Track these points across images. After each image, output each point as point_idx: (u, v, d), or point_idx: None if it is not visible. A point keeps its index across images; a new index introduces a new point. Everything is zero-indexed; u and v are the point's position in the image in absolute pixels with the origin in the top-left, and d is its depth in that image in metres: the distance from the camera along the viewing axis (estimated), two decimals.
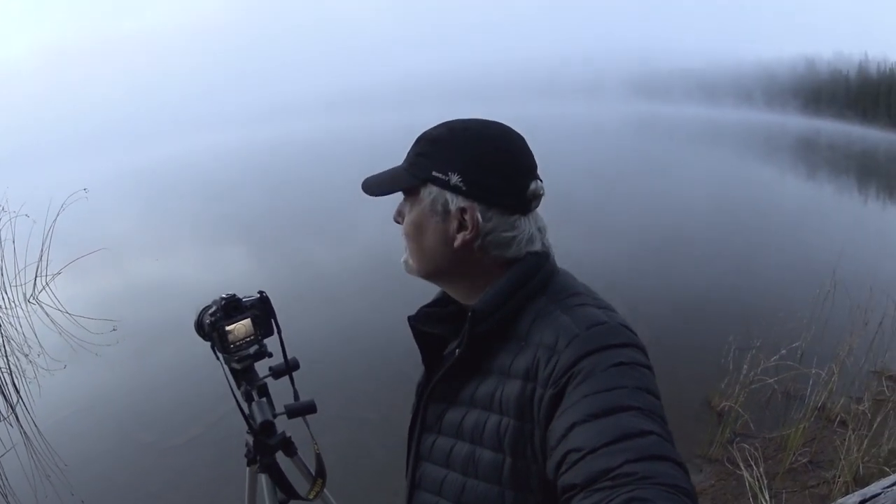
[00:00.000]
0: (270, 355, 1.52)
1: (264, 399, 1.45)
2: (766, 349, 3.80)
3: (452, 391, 0.93)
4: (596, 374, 0.76)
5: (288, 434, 1.56)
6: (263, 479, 1.51)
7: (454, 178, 0.91)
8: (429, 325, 1.00)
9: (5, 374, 4.90)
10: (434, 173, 0.91)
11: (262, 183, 15.54)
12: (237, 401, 1.42)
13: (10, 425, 4.29)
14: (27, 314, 7.08)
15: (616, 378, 0.75)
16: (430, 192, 0.92)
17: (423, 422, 0.97)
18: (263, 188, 14.74)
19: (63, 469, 3.76)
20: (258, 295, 1.51)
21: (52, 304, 7.15)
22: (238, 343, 1.43)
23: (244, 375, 1.48)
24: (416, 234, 0.95)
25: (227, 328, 1.41)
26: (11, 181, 10.10)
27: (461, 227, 0.92)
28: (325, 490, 1.65)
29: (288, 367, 1.54)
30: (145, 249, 9.88)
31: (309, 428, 1.56)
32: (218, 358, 1.44)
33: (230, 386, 1.40)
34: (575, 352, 0.79)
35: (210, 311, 1.43)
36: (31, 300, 7.48)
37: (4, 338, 6.11)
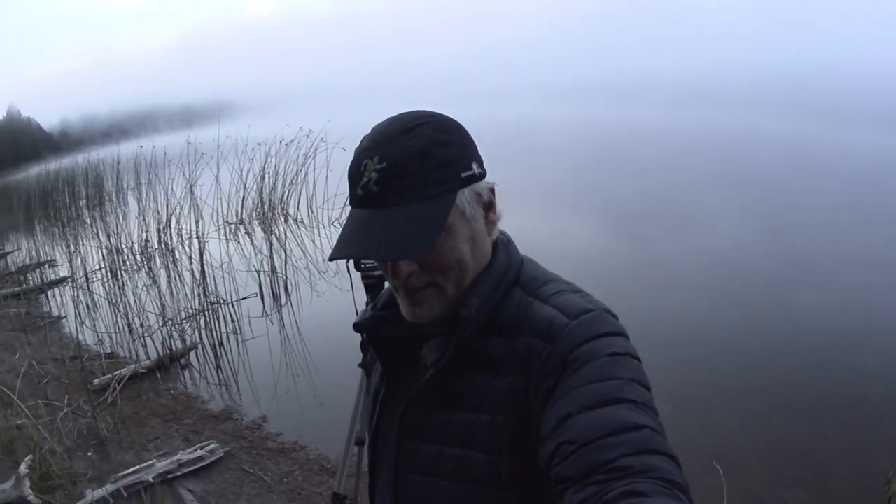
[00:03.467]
0: None
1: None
2: None
3: (433, 395, 0.87)
4: (590, 363, 0.75)
5: None
6: (361, 373, 1.75)
7: (475, 168, 0.83)
8: (384, 329, 0.93)
9: (280, 279, 5.94)
10: (463, 175, 0.81)
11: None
12: (356, 310, 1.62)
13: (271, 322, 5.13)
14: (329, 235, 8.48)
15: (610, 368, 0.74)
16: (464, 196, 0.81)
17: (401, 430, 0.91)
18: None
19: (313, 372, 4.26)
20: None
21: None
22: (368, 265, 1.71)
23: (370, 291, 1.76)
24: (471, 250, 0.83)
25: None
26: (337, 116, 11.27)
27: (490, 206, 0.85)
28: None
29: None
30: None
31: None
32: (349, 272, 1.66)
33: (354, 301, 1.60)
34: (567, 342, 0.77)
35: None
36: (335, 223, 8.91)
37: (301, 249, 7.45)
